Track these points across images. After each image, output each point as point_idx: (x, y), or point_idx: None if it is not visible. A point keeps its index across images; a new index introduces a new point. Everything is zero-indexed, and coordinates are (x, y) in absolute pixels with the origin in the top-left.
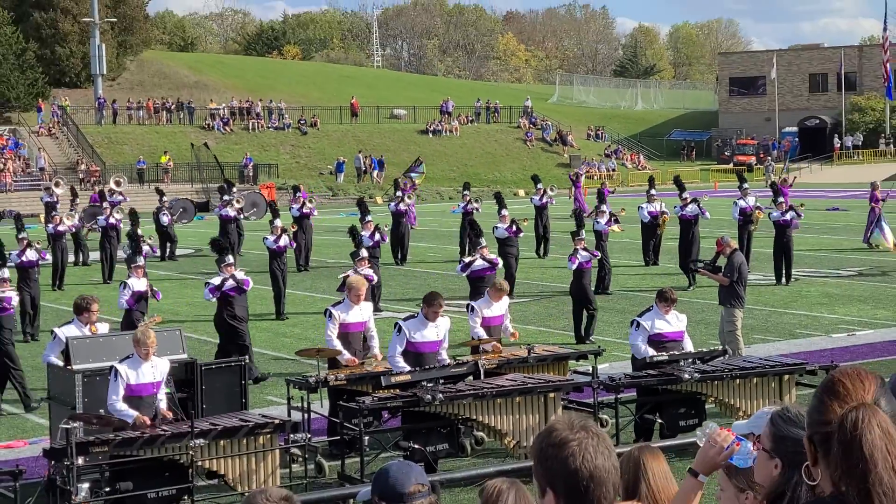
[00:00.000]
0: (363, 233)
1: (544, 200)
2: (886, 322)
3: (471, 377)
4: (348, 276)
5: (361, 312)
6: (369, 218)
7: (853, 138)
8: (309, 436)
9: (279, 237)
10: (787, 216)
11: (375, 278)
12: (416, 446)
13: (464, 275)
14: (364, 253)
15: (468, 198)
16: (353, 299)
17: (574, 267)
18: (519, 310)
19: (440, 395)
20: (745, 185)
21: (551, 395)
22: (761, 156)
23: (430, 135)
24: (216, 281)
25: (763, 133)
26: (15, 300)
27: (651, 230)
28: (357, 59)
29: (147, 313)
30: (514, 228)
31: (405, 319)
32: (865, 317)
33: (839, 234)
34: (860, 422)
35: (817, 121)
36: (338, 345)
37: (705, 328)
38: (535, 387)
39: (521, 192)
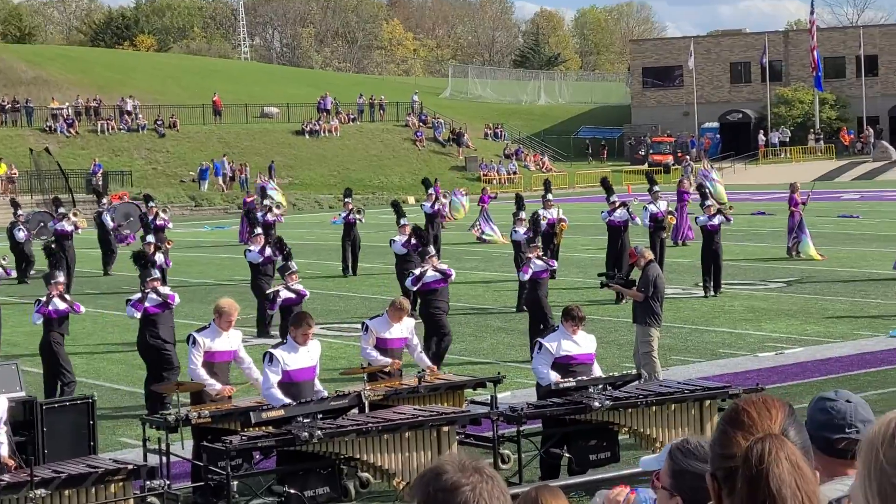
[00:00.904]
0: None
1: (436, 207)
2: (817, 338)
3: (354, 410)
4: (278, 291)
5: (230, 340)
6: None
7: (780, 134)
8: (168, 482)
9: (152, 255)
10: (716, 220)
11: (307, 294)
12: (292, 491)
13: (414, 289)
14: (294, 266)
15: (350, 206)
16: (223, 325)
17: (527, 277)
18: None
19: (318, 433)
20: (656, 188)
21: (445, 428)
22: (679, 155)
23: (307, 135)
24: (139, 295)
25: (681, 129)
26: None
27: (548, 239)
28: (222, 51)
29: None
30: (414, 242)
31: (276, 346)
32: (795, 333)
33: (765, 242)
34: (767, 455)
35: (740, 115)
36: (203, 375)
37: (618, 349)
38: (427, 420)
39: (411, 199)
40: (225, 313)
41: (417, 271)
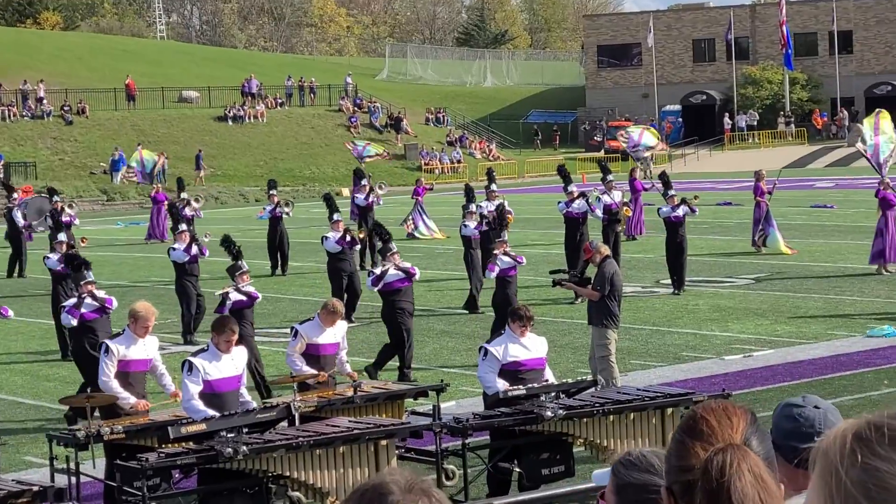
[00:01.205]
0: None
1: (370, 200)
2: (788, 339)
3: (283, 423)
4: (227, 292)
5: (146, 347)
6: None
7: (747, 117)
8: None
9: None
10: (680, 211)
11: (259, 297)
12: None
13: (375, 289)
14: (245, 266)
15: (276, 199)
16: (138, 331)
17: (494, 275)
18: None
19: (244, 448)
20: (610, 178)
21: (383, 442)
22: None
23: (230, 122)
24: (74, 300)
25: (640, 113)
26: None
27: (485, 235)
28: (135, 29)
29: None
30: (349, 239)
31: (195, 354)
32: (763, 334)
33: (732, 234)
34: (728, 466)
35: (704, 97)
36: (116, 387)
37: (572, 353)
38: (364, 433)
39: (345, 191)
40: (141, 318)
41: (378, 270)
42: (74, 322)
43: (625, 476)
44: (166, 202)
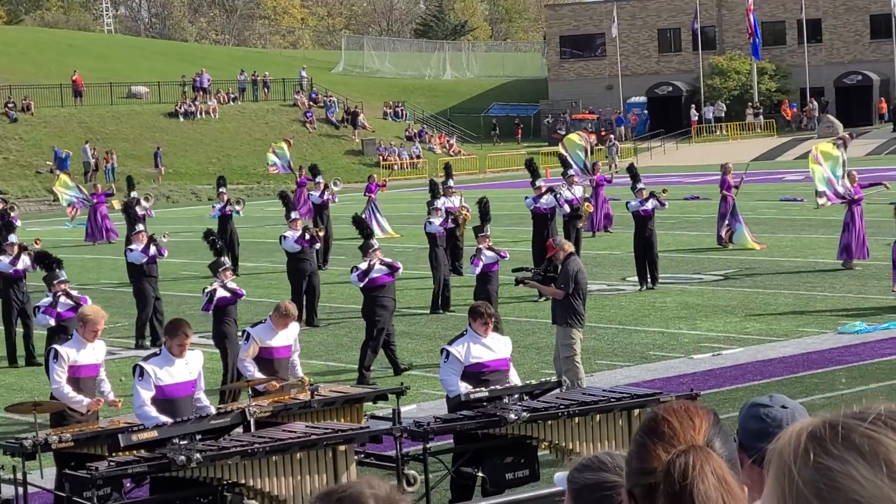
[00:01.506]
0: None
1: (325, 197)
2: (758, 337)
3: (238, 430)
4: (215, 290)
5: (95, 352)
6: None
7: (714, 109)
8: None
9: (17, 257)
10: (649, 205)
11: (244, 294)
12: None
13: (360, 285)
14: (227, 263)
15: (226, 197)
16: (87, 335)
17: (478, 271)
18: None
19: (197, 456)
20: (571, 172)
21: (342, 447)
22: (603, 134)
23: (181, 118)
24: (48, 300)
25: (604, 105)
26: None
27: (450, 233)
28: (82, 23)
29: None
30: (308, 237)
31: (146, 358)
32: (733, 331)
33: (700, 230)
34: (691, 469)
35: (670, 88)
36: (69, 392)
37: (536, 354)
38: (321, 438)
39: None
40: (90, 322)
41: (363, 266)
42: (52, 322)
43: (579, 479)
44: (106, 201)
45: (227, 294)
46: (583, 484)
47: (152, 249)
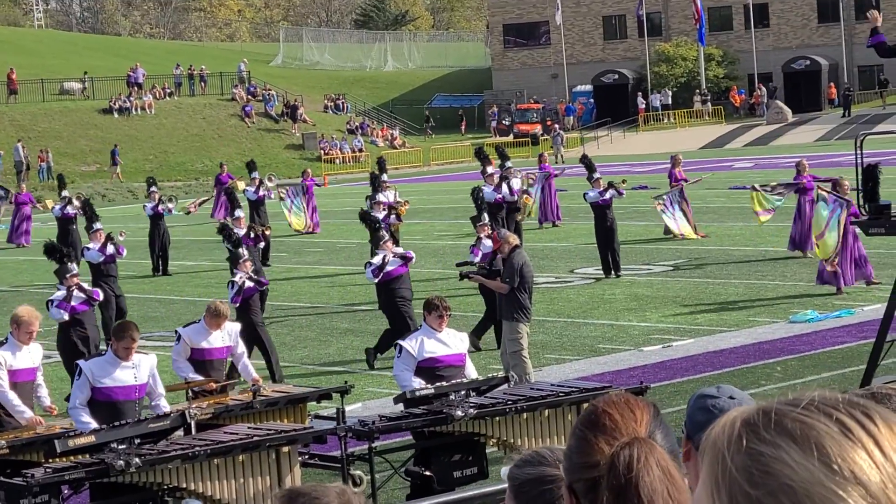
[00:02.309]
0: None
1: (261, 193)
2: (709, 328)
3: (178, 432)
4: (243, 281)
5: (31, 355)
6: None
7: (661, 96)
8: None
9: None
10: (608, 195)
11: (267, 283)
12: None
13: (375, 280)
14: (245, 254)
15: (157, 196)
16: (22, 337)
17: (478, 259)
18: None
19: (136, 460)
20: (509, 164)
21: (285, 449)
22: (549, 123)
23: (116, 114)
24: (62, 293)
25: (549, 94)
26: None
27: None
28: (11, 17)
29: None
30: (253, 236)
31: (89, 358)
32: (683, 323)
33: (648, 220)
34: (636, 461)
35: (616, 76)
36: (13, 399)
37: (483, 349)
38: (264, 440)
39: (241, 185)
40: (24, 323)
41: (377, 259)
42: (66, 316)
43: (520, 475)
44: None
45: (252, 284)
46: (524, 479)
47: (109, 248)
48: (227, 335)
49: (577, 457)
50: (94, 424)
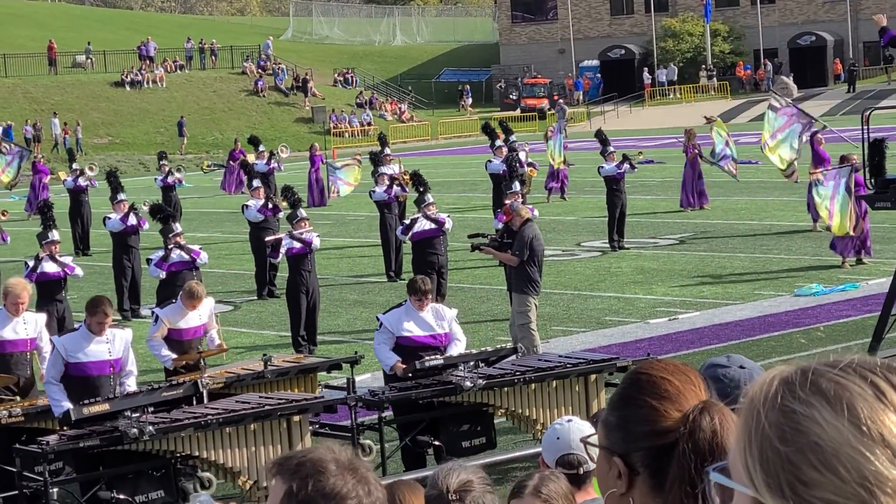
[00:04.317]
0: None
1: (271, 165)
2: (714, 300)
3: (191, 401)
4: (280, 238)
5: (25, 327)
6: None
7: (667, 71)
8: None
9: None
10: (623, 168)
11: (312, 241)
12: (122, 497)
13: (406, 238)
14: (304, 213)
15: (167, 168)
16: (11, 309)
17: (501, 227)
18: (256, 311)
19: (150, 428)
20: (513, 138)
21: (296, 418)
22: (555, 98)
23: (128, 87)
24: (161, 253)
25: (556, 69)
26: None
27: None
28: None
29: None
30: (271, 206)
31: (62, 334)
32: (689, 296)
33: (654, 194)
34: (718, 425)
35: (622, 51)
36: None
37: (491, 321)
38: (275, 409)
39: (252, 157)
40: (11, 294)
41: (408, 219)
42: (163, 275)
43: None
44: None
45: (297, 244)
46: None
47: (132, 219)
48: (203, 313)
49: (641, 425)
50: (66, 402)
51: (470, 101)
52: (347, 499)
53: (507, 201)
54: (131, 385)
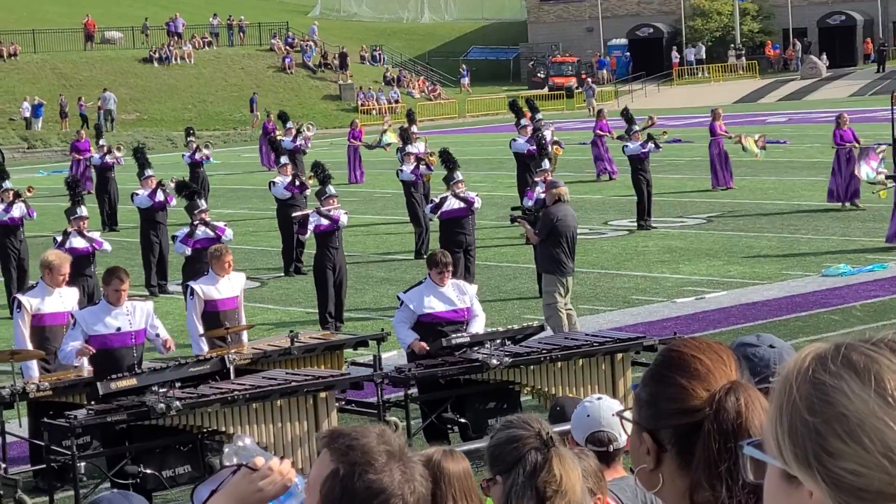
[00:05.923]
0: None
1: (298, 142)
2: (742, 280)
3: (217, 377)
4: (307, 214)
5: (63, 300)
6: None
7: (696, 50)
8: (4, 466)
9: (11, 204)
10: (647, 148)
11: (339, 218)
12: (149, 471)
13: (434, 217)
14: (332, 191)
15: (195, 145)
16: (50, 282)
17: (532, 203)
18: (283, 288)
19: (177, 403)
20: (539, 116)
21: (323, 394)
22: (583, 76)
23: (156, 63)
24: (186, 229)
25: (584, 48)
26: None
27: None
28: None
29: None
30: (298, 184)
31: (82, 308)
32: (716, 275)
33: (682, 173)
34: (744, 406)
35: (651, 30)
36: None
37: (518, 299)
38: (302, 385)
39: (280, 134)
40: (55, 267)
41: (437, 197)
42: (189, 251)
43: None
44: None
45: (325, 221)
46: (495, 442)
47: (159, 195)
48: (236, 284)
49: (669, 403)
50: (74, 344)
51: (467, 80)
52: (392, 497)
53: (537, 178)
54: (162, 334)
